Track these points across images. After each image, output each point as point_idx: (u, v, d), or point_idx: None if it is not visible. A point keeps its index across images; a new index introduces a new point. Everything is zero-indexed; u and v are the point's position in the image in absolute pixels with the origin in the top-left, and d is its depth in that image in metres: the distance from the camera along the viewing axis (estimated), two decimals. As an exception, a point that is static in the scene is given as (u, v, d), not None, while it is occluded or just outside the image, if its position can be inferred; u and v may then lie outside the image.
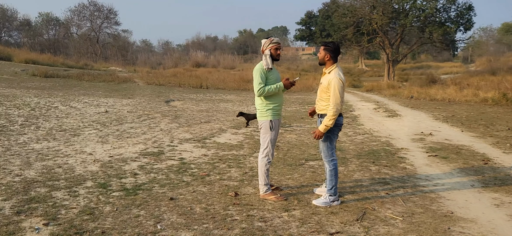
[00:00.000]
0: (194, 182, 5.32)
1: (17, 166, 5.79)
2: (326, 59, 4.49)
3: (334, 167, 4.54)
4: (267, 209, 4.34)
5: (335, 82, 4.32)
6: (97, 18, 52.19)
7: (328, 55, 4.47)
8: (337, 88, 4.32)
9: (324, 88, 4.47)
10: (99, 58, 46.72)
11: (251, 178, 5.56)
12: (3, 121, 9.23)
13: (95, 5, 51.47)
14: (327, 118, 4.37)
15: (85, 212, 4.12)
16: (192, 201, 4.55)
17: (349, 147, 7.86)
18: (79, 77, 23.41)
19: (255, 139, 8.42)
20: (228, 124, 10.32)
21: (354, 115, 12.87)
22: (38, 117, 10.06)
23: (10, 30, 54.93)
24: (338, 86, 4.32)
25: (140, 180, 5.32)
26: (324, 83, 4.47)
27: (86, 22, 52.74)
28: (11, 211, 4.09)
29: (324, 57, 4.49)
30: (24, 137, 7.75)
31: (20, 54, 32.23)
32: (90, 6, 51.41)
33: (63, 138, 7.83)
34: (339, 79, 4.33)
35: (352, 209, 4.42)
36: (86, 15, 52.20)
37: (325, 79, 4.48)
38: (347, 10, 33.82)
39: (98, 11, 51.78)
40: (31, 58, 31.18)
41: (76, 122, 9.74)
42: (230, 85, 24.32)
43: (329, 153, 4.56)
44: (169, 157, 6.68)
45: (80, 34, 53.50)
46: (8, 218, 3.92)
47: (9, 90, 15.28)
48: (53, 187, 4.91)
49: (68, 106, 12.15)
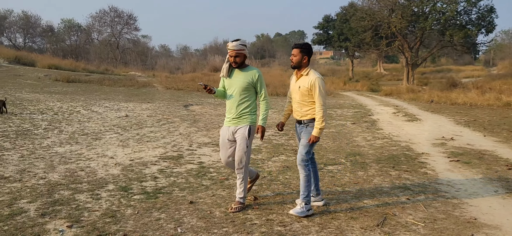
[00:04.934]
0: (214, 186, 5.35)
1: (41, 169, 5.93)
2: (304, 62, 4.31)
3: (310, 174, 4.35)
4: (286, 214, 4.34)
5: (319, 83, 4.18)
6: (117, 24, 53.06)
7: (305, 57, 4.29)
8: (322, 88, 4.21)
9: (305, 91, 4.27)
10: (119, 63, 47.43)
11: (269, 182, 5.57)
12: (27, 125, 9.46)
13: (115, 11, 52.36)
14: (319, 121, 4.22)
15: (107, 215, 4.19)
16: (211, 205, 4.59)
17: (368, 151, 7.80)
18: (100, 82, 23.83)
19: (274, 143, 8.43)
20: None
21: (373, 119, 12.75)
22: (61, 121, 10.27)
23: (33, 36, 56.24)
24: (323, 85, 4.21)
25: (160, 184, 5.38)
26: (305, 86, 4.26)
27: (107, 28, 53.70)
28: (36, 213, 4.19)
29: (301, 60, 4.29)
30: (48, 141, 7.92)
31: (44, 60, 32.99)
32: (111, 12, 52.33)
33: (85, 142, 7.98)
34: (321, 78, 4.22)
35: (372, 214, 4.38)
36: (106, 21, 53.15)
37: (304, 81, 4.28)
38: (365, 14, 33.54)
39: (118, 17, 52.65)
40: (54, 63, 31.86)
41: (98, 126, 9.91)
42: (248, 90, 24.36)
43: (307, 155, 4.32)
44: (189, 160, 6.74)
45: (101, 40, 54.49)
46: (33, 220, 4.02)
47: (33, 95, 15.66)
48: (76, 189, 5.01)
49: (89, 111, 12.38)
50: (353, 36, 39.09)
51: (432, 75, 44.15)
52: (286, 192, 5.10)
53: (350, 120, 12.48)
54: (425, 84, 33.01)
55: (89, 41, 55.96)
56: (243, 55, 4.33)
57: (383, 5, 32.80)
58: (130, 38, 55.40)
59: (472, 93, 19.33)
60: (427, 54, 37.17)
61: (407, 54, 33.54)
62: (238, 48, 4.28)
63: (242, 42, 4.31)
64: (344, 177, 5.89)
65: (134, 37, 55.74)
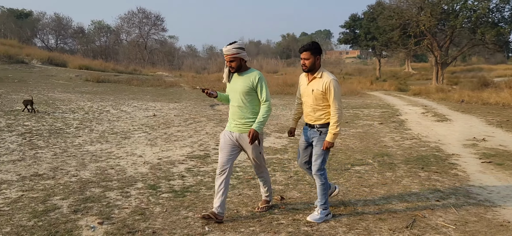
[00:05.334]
0: (240, 185, 5.39)
1: (73, 166, 6.10)
2: (317, 63, 4.03)
3: (326, 181, 4.19)
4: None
5: (334, 85, 3.93)
6: (145, 25, 53.97)
7: (317, 57, 4.03)
8: (338, 91, 3.96)
9: (319, 94, 4.01)
10: (146, 64, 48.24)
11: (296, 182, 5.56)
12: (60, 124, 9.75)
13: (143, 12, 53.29)
14: (334, 126, 3.96)
15: (136, 212, 4.28)
16: (238, 204, 4.62)
17: (396, 152, 7.68)
18: (128, 82, 24.31)
19: (300, 143, 8.40)
20: (272, 128, 10.36)
21: (401, 119, 12.54)
22: (92, 120, 10.54)
23: (65, 37, 57.89)
24: (338, 88, 3.97)
25: (188, 182, 5.45)
26: (318, 89, 4.00)
27: (135, 29, 54.70)
28: (69, 210, 4.32)
29: (314, 62, 4.02)
30: (79, 139, 8.14)
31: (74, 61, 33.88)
32: (139, 14, 53.28)
33: (114, 140, 8.17)
34: (335, 80, 3.98)
35: (401, 216, 4.32)
36: (135, 22, 54.13)
37: (318, 84, 4.02)
38: (393, 12, 32.97)
39: (146, 18, 53.54)
40: (85, 64, 32.68)
41: (127, 125, 10.12)
42: (273, 89, 24.36)
43: (322, 164, 4.12)
44: (215, 160, 6.80)
45: (129, 40, 55.54)
46: (66, 216, 4.14)
47: (65, 95, 16.12)
48: (106, 187, 5.13)
49: (118, 110, 12.65)
50: (380, 35, 38.49)
51: (462, 75, 42.98)
52: (313, 192, 5.08)
53: (378, 120, 12.30)
54: (455, 83, 32.18)
55: (118, 42, 57.16)
56: (239, 59, 4.04)
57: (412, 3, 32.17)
58: (158, 38, 56.28)
59: (505, 93, 18.71)
60: (458, 53, 36.22)
61: (436, 53, 32.78)
62: (232, 53, 4.00)
63: (237, 45, 4.04)
64: (371, 178, 5.82)
65: (161, 38, 56.58)
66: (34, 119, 10.22)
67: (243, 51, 4.06)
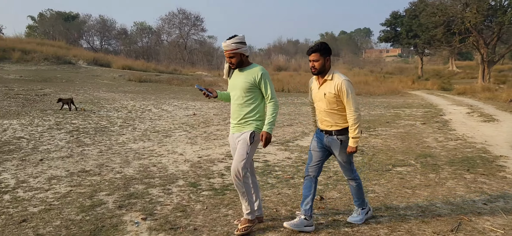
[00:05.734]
0: (279, 184, 5.40)
1: (118, 163, 6.32)
2: (327, 65, 3.76)
3: (360, 182, 4.07)
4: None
5: (346, 85, 3.66)
6: (185, 25, 55.09)
7: (327, 59, 3.74)
8: (351, 91, 3.69)
9: (332, 98, 3.72)
10: (186, 64, 49.15)
11: (335, 182, 5.51)
12: (105, 122, 10.12)
13: (183, 13, 54.39)
14: (353, 128, 3.70)
15: (178, 209, 4.38)
16: (277, 203, 4.63)
17: (440, 153, 7.44)
18: (169, 82, 24.87)
19: (339, 143, 8.30)
20: (311, 127, 10.30)
21: (445, 119, 12.13)
22: (134, 119, 10.87)
23: (109, 39, 60.03)
24: (351, 88, 3.70)
25: (227, 181, 5.52)
26: (331, 92, 3.72)
27: (175, 29, 55.96)
28: (114, 205, 4.48)
29: (324, 63, 3.73)
30: (123, 137, 8.42)
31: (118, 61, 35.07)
32: (179, 14, 54.47)
33: (156, 139, 8.38)
34: (348, 80, 3.71)
35: (446, 219, 4.18)
36: (175, 23, 55.37)
37: (329, 87, 3.73)
38: (437, 9, 31.92)
39: (186, 18, 54.66)
40: (127, 64, 33.77)
41: (168, 123, 10.36)
42: (312, 89, 24.23)
43: (352, 168, 3.98)
44: (254, 159, 6.83)
45: (170, 41, 56.81)
46: (111, 211, 4.30)
47: (109, 94, 16.70)
48: (149, 184, 5.28)
49: (160, 109, 12.97)
50: (423, 33, 37.37)
51: (511, 73, 41.04)
52: (353, 193, 5.01)
53: (420, 120, 11.97)
54: (502, 82, 30.78)
55: (159, 43, 58.60)
56: (240, 54, 3.75)
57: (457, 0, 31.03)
58: (197, 39, 57.28)
59: (559, 92, 17.71)
60: (506, 51, 34.58)
61: (482, 51, 31.45)
62: (231, 48, 3.72)
63: (237, 40, 3.74)
64: (414, 179, 5.68)
65: (200, 38, 57.51)
66: (80, 117, 10.66)
67: (243, 46, 3.76)
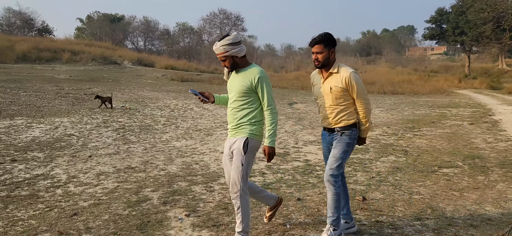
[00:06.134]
0: (320, 184, 5.36)
1: (162, 161, 6.49)
2: (332, 57, 3.52)
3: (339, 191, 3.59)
4: (398, 217, 4.18)
5: (354, 78, 3.44)
6: (226, 25, 55.65)
7: (332, 50, 3.51)
8: (361, 84, 3.49)
9: (339, 92, 3.48)
10: (226, 63, 49.59)
11: (378, 183, 5.41)
12: (149, 121, 10.42)
13: (224, 13, 55.00)
14: (364, 121, 3.55)
15: (220, 207, 4.45)
16: (319, 203, 4.61)
17: (489, 154, 7.13)
18: (210, 81, 25.23)
19: (381, 143, 8.14)
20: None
21: (494, 120, 11.60)
22: (177, 118, 11.12)
23: (152, 39, 61.67)
24: (360, 81, 3.50)
25: (268, 179, 5.54)
26: (338, 86, 3.48)
27: (216, 29, 56.62)
28: (159, 201, 4.61)
29: (328, 55, 3.50)
30: (166, 135, 8.64)
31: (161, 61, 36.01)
32: (220, 14, 55.11)
33: (198, 137, 8.54)
34: (355, 72, 3.49)
35: (496, 223, 4.01)
36: (216, 23, 56.07)
37: (336, 80, 3.49)
38: (486, 5, 30.61)
39: (227, 18, 55.23)
40: (170, 64, 34.61)
41: (209, 122, 10.53)
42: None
43: (338, 168, 3.56)
44: (295, 158, 6.84)
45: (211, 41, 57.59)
46: (156, 207, 4.43)
47: (152, 93, 17.17)
48: (192, 181, 5.40)
49: (201, 108, 13.19)
50: (470, 30, 35.93)
51: None
52: (397, 194, 4.91)
53: (467, 120, 11.51)
54: (559, 80, 29.05)
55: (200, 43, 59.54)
56: (232, 57, 3.43)
57: (507, -6, 29.61)
58: (238, 38, 57.63)
59: None
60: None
61: (536, 47, 29.83)
62: (220, 52, 3.43)
63: (226, 42, 3.41)
64: (461, 181, 5.48)
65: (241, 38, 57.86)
66: (126, 116, 11.02)
67: (234, 47, 3.41)
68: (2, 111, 10.82)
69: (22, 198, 4.65)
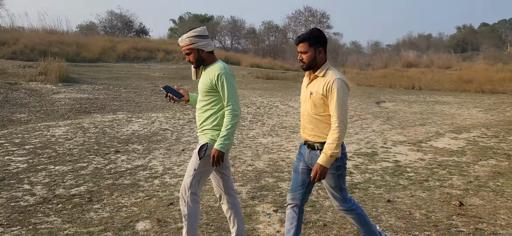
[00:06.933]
0: (412, 186, 5.14)
1: (249, 157, 6.67)
2: (319, 56, 2.94)
3: (359, 211, 3.12)
4: (500, 225, 3.87)
5: (338, 86, 2.81)
6: (311, 23, 55.37)
7: (319, 49, 2.94)
8: (342, 94, 2.83)
9: (319, 99, 2.89)
10: (311, 61, 49.34)
11: (477, 188, 5.04)
12: (236, 117, 10.74)
13: (309, 10, 54.77)
14: (333, 143, 2.80)
15: (307, 204, 4.45)
16: (410, 206, 4.42)
17: None
18: (294, 79, 25.28)
19: (480, 145, 7.56)
20: (446, 128, 9.55)
21: None
22: (263, 115, 11.32)
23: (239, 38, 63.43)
24: (343, 91, 2.83)
25: (356, 179, 5.44)
26: (318, 92, 2.90)
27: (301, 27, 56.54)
28: (247, 196, 4.75)
29: (315, 55, 2.93)
30: (253, 132, 8.85)
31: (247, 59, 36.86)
32: (305, 12, 54.98)
33: (284, 134, 8.63)
34: (342, 80, 2.85)
35: None
36: (301, 21, 56.05)
37: (318, 85, 2.92)
38: None
39: (312, 16, 54.97)
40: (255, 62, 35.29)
41: (294, 120, 10.57)
42: (446, 86, 22.35)
43: (343, 196, 3.04)
44: (383, 158, 6.62)
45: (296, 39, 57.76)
46: (245, 201, 4.57)
47: (239, 91, 17.64)
48: (278, 178, 5.48)
49: (286, 106, 13.29)
50: None
51: None
52: (499, 201, 4.54)
53: None
54: None
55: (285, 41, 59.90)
56: (197, 50, 3.19)
57: None
58: (323, 36, 57.08)
59: None
60: None
61: None
62: (185, 43, 3.21)
63: (192, 33, 3.20)
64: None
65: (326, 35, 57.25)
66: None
67: (201, 40, 3.18)
68: (106, 106, 11.85)
69: (125, 186, 5.07)
